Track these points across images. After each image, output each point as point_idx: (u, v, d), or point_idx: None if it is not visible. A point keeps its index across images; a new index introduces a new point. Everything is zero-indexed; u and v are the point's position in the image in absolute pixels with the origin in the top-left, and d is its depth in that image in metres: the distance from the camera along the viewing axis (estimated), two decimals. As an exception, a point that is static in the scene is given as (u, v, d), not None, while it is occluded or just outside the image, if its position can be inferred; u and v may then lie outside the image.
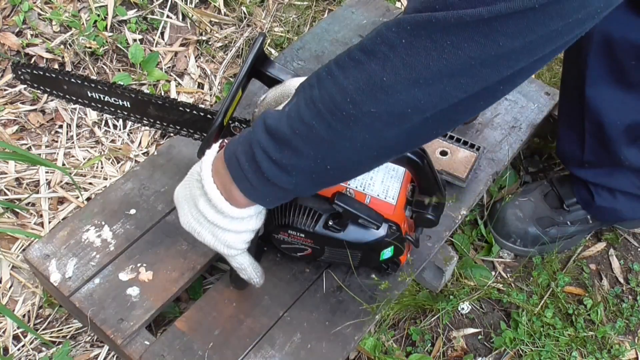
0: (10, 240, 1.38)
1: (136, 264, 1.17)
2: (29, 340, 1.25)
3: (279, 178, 0.82)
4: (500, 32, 0.65)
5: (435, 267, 1.28)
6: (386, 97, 0.72)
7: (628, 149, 1.29)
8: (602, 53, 1.19)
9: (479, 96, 0.73)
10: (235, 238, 0.94)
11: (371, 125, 0.75)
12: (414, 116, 0.74)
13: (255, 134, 0.83)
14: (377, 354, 1.26)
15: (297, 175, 0.82)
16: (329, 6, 1.88)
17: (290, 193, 0.87)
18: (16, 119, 1.57)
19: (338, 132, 0.76)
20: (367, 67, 0.72)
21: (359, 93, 0.73)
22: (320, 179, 0.84)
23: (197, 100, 1.67)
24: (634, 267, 1.47)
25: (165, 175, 1.29)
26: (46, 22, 1.71)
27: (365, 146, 0.78)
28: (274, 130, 0.80)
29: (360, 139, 0.77)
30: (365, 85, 0.73)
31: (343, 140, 0.77)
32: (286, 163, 0.81)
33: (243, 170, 0.84)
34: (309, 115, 0.77)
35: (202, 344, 1.10)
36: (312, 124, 0.77)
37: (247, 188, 0.86)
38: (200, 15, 1.78)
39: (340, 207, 1.01)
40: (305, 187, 0.86)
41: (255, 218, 0.93)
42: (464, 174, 1.31)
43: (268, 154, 0.81)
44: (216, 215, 0.91)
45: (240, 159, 0.85)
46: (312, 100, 0.77)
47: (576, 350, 1.31)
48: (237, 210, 0.89)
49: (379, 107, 0.73)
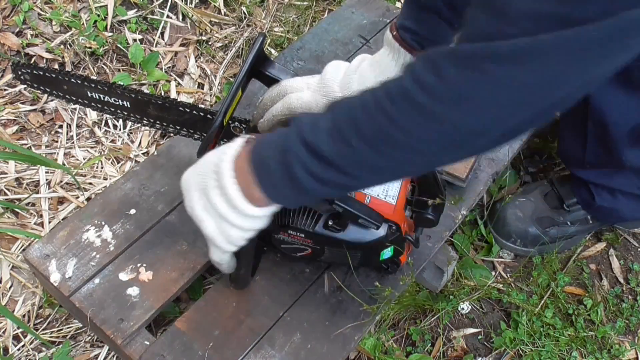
0: (10, 240, 1.38)
1: (136, 264, 1.17)
2: (29, 340, 1.25)
3: (315, 189, 0.83)
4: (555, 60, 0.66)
5: (435, 267, 1.28)
6: (438, 125, 0.73)
7: (630, 150, 1.29)
8: None
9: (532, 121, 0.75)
10: (239, 235, 0.94)
11: (423, 151, 0.77)
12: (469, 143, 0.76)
13: (292, 144, 0.82)
14: (377, 354, 1.26)
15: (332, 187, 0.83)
16: (329, 6, 1.88)
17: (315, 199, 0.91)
18: (16, 119, 1.57)
19: (388, 157, 0.78)
20: (416, 96, 0.73)
21: (410, 122, 0.74)
22: (359, 188, 0.91)
23: (197, 100, 1.67)
24: (634, 267, 1.47)
25: (165, 175, 1.29)
26: (46, 22, 1.71)
27: (412, 167, 0.82)
28: (315, 147, 0.80)
29: (410, 163, 0.80)
30: (416, 114, 0.73)
31: (392, 163, 0.79)
32: (329, 179, 0.81)
33: (273, 177, 0.84)
34: (355, 140, 0.78)
35: (202, 344, 1.10)
36: (359, 148, 0.78)
37: (274, 194, 0.87)
38: (200, 15, 1.78)
39: (340, 207, 1.01)
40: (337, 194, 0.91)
41: (265, 219, 0.93)
42: (464, 174, 1.31)
43: (309, 169, 0.81)
44: (229, 210, 0.90)
45: (271, 166, 0.84)
46: (356, 125, 0.78)
47: (576, 350, 1.31)
48: (254, 208, 0.89)
49: (432, 136, 0.74)
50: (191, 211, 0.95)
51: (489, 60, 0.68)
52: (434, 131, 0.74)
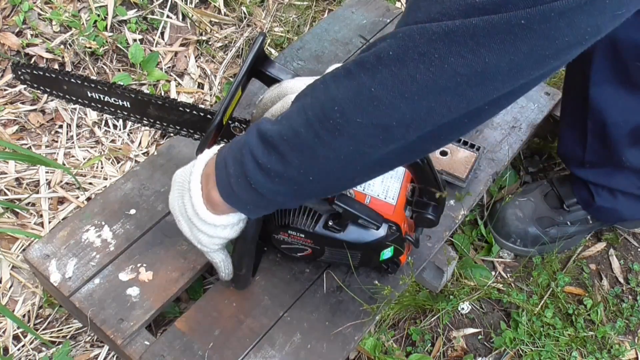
0: (10, 240, 1.38)
1: (136, 264, 1.17)
2: (29, 340, 1.25)
3: (262, 184, 0.82)
4: (487, 48, 0.65)
5: (435, 267, 1.28)
6: (372, 108, 0.72)
7: (630, 150, 1.29)
8: (607, 53, 1.19)
9: (464, 116, 0.73)
10: (208, 240, 0.96)
11: (356, 136, 0.75)
12: (398, 130, 0.74)
13: (248, 137, 0.83)
14: (377, 354, 1.26)
15: (279, 183, 0.82)
16: (329, 6, 1.88)
17: (271, 203, 0.87)
18: (16, 119, 1.57)
19: (323, 140, 0.76)
20: (357, 77, 0.72)
21: (347, 102, 0.73)
22: (302, 190, 0.84)
23: (197, 100, 1.67)
24: (634, 267, 1.47)
25: (165, 175, 1.29)
26: (46, 22, 1.71)
27: (348, 159, 0.78)
28: (265, 134, 0.81)
29: (345, 151, 0.77)
30: (354, 95, 0.73)
31: (327, 150, 0.77)
32: (271, 168, 0.81)
33: (228, 174, 0.85)
34: (298, 122, 0.78)
35: (202, 344, 1.10)
36: (299, 130, 0.77)
37: (228, 194, 0.87)
38: (200, 15, 1.78)
39: (340, 207, 1.01)
40: (286, 197, 0.86)
41: (229, 229, 0.94)
42: (464, 174, 1.31)
43: (255, 156, 0.81)
44: (194, 214, 0.93)
45: (228, 162, 0.85)
46: (303, 108, 0.78)
47: (576, 350, 1.31)
48: (212, 216, 0.91)
49: (364, 118, 0.73)
50: (172, 210, 0.99)
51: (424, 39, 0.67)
52: (365, 112, 0.72)
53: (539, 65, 0.68)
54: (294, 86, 1.07)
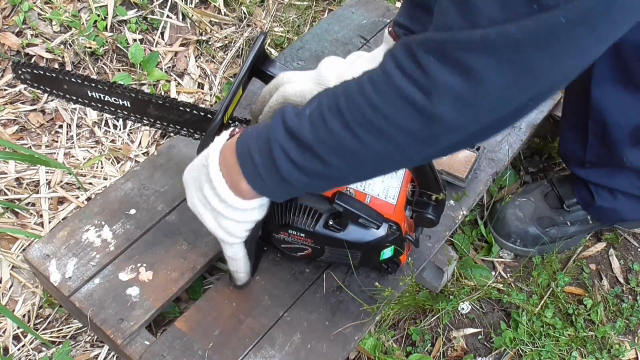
0: (10, 240, 1.38)
1: (136, 264, 1.17)
2: (29, 340, 1.25)
3: (297, 179, 0.83)
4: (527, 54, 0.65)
5: (435, 267, 1.28)
6: (418, 115, 0.71)
7: (630, 150, 1.29)
8: (609, 53, 1.18)
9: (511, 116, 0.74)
10: (237, 227, 0.95)
11: (400, 141, 0.75)
12: (444, 137, 0.75)
13: (274, 132, 0.82)
14: (377, 354, 1.26)
15: (317, 179, 0.83)
16: (329, 6, 1.88)
17: (301, 191, 0.89)
18: (16, 119, 1.57)
19: (366, 143, 0.76)
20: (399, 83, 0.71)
21: (392, 109, 0.73)
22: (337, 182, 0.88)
23: (197, 100, 1.67)
24: (634, 267, 1.47)
25: (165, 175, 1.29)
26: (46, 22, 1.71)
27: (389, 159, 0.80)
28: (296, 133, 0.80)
29: (387, 153, 0.77)
30: (398, 101, 0.72)
31: (370, 152, 0.77)
32: (307, 167, 0.81)
33: (257, 167, 0.85)
34: (334, 124, 0.77)
35: (202, 344, 1.10)
36: (339, 133, 0.77)
37: (259, 185, 0.87)
38: (200, 15, 1.78)
39: (341, 206, 1.01)
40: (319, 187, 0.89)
41: (258, 210, 0.93)
42: (464, 174, 1.31)
43: (288, 155, 0.81)
44: (219, 203, 0.91)
45: (254, 156, 0.85)
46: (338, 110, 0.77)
47: (576, 350, 1.31)
48: (242, 201, 0.90)
49: (411, 125, 0.73)
50: (192, 207, 0.97)
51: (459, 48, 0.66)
52: (413, 119, 0.72)
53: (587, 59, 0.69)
54: (290, 77, 1.08)
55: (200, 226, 0.99)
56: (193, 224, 1.16)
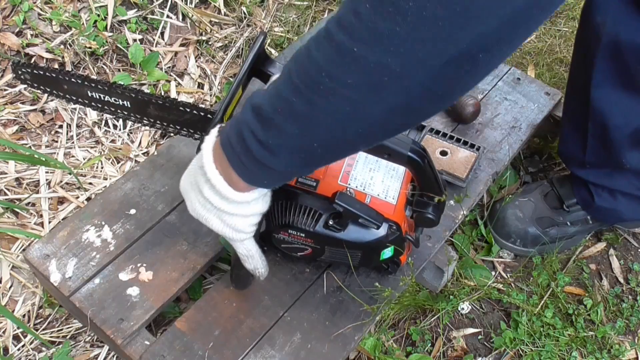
0: (10, 240, 1.38)
1: (136, 264, 1.17)
2: (29, 340, 1.25)
3: (268, 159, 0.80)
4: None
5: (435, 267, 1.28)
6: (359, 67, 0.69)
7: (630, 152, 1.29)
8: (610, 55, 1.18)
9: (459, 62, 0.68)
10: (243, 221, 0.93)
11: (350, 98, 0.72)
12: (392, 84, 0.70)
13: (244, 114, 0.81)
14: (377, 354, 1.26)
15: (285, 155, 0.80)
16: (329, 6, 1.88)
17: (284, 174, 0.85)
18: (16, 119, 1.57)
19: (318, 106, 0.74)
20: (337, 37, 0.69)
21: (333, 65, 0.70)
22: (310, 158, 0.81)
23: (197, 100, 1.67)
24: (634, 267, 1.47)
25: (165, 175, 1.29)
26: (46, 22, 1.71)
27: (349, 120, 0.75)
28: (258, 109, 0.79)
29: (343, 113, 0.74)
30: (337, 57, 0.70)
31: (324, 115, 0.74)
32: (272, 143, 0.79)
33: (236, 153, 0.83)
34: (287, 91, 0.75)
35: (202, 344, 1.10)
36: (291, 99, 0.75)
37: (243, 171, 0.85)
38: (200, 15, 1.78)
39: (341, 206, 1.01)
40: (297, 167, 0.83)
41: (261, 200, 0.92)
42: (464, 174, 1.31)
43: (255, 134, 0.79)
44: (221, 201, 0.90)
45: (232, 142, 0.83)
46: (290, 76, 0.75)
47: (576, 350, 1.31)
48: (241, 194, 0.88)
49: (354, 78, 0.70)
50: (195, 213, 0.95)
51: None
52: (354, 72, 0.69)
53: None
54: None
55: (200, 226, 0.98)
56: (193, 224, 1.16)
